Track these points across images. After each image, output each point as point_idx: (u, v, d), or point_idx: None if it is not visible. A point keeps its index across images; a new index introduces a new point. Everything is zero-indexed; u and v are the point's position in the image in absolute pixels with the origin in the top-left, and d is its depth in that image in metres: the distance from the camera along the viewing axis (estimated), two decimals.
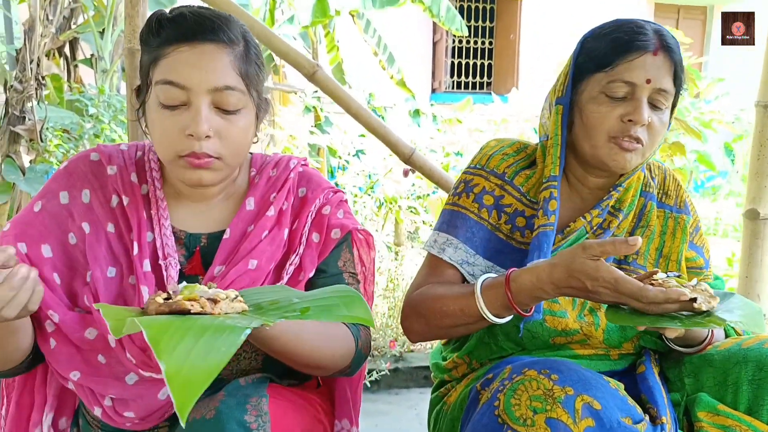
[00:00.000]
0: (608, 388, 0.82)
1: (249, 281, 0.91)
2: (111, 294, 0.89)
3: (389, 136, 1.77)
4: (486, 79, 8.46)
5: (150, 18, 0.89)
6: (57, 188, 0.93)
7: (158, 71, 0.86)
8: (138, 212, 0.92)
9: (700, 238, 1.12)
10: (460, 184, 1.08)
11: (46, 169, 2.39)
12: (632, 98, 0.95)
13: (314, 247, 0.97)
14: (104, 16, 3.96)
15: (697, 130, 2.58)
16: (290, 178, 0.99)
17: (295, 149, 3.47)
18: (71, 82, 4.04)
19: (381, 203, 3.65)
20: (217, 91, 0.85)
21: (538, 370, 0.81)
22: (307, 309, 0.72)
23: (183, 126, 0.85)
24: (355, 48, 5.63)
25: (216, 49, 0.86)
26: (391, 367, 2.42)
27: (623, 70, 0.94)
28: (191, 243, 0.95)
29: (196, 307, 0.69)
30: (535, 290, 0.88)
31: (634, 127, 0.95)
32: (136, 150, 0.99)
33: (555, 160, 1.01)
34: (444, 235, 1.05)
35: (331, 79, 1.76)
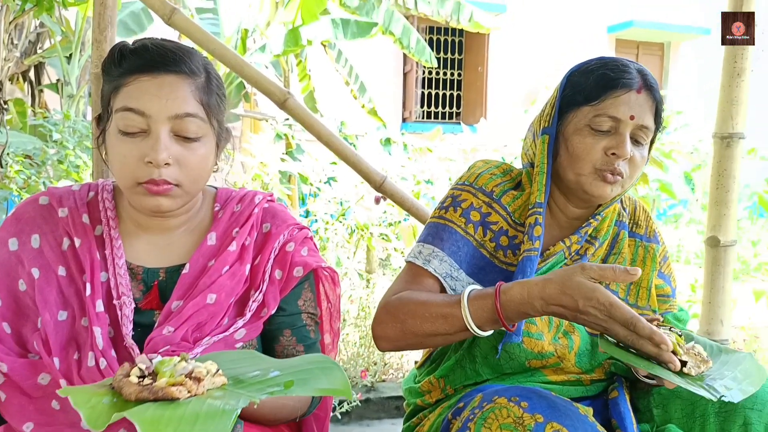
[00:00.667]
0: (578, 414, 0.82)
1: (207, 315, 0.90)
2: (62, 337, 0.88)
3: (360, 164, 1.78)
4: (455, 110, 8.64)
5: (112, 49, 0.90)
6: (6, 236, 0.92)
7: (119, 99, 0.86)
8: (91, 253, 0.91)
9: (668, 267, 1.15)
10: (448, 198, 1.09)
11: (6, 196, 2.31)
12: (616, 133, 0.99)
13: (276, 284, 0.96)
14: (72, 41, 3.92)
15: (658, 160, 2.67)
16: (254, 214, 0.99)
17: (265, 176, 3.46)
18: (35, 107, 3.96)
19: (352, 230, 3.64)
20: (177, 119, 0.86)
21: (508, 398, 0.81)
22: (290, 383, 0.71)
23: (142, 153, 0.85)
24: (326, 77, 5.69)
25: (177, 80, 0.87)
26: (363, 398, 2.38)
27: (609, 106, 0.98)
28: (149, 278, 0.94)
29: (183, 392, 0.67)
30: (523, 305, 0.87)
31: (618, 161, 0.99)
32: (88, 190, 0.98)
33: (541, 187, 1.04)
34: (429, 247, 1.04)
35: (303, 107, 1.77)
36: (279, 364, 0.78)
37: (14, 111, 3.46)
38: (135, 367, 0.71)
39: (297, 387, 0.71)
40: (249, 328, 0.94)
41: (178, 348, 0.87)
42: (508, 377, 1.02)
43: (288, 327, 0.98)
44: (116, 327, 0.89)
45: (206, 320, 0.90)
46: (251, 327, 0.94)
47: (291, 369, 0.75)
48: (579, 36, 8.38)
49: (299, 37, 4.17)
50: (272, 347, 0.99)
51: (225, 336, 0.91)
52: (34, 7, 2.48)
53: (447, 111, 8.59)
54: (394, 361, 2.74)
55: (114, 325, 0.89)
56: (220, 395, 0.68)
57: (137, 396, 0.67)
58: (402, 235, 3.83)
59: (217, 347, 0.90)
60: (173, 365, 0.70)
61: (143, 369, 0.71)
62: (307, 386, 0.71)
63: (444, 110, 8.58)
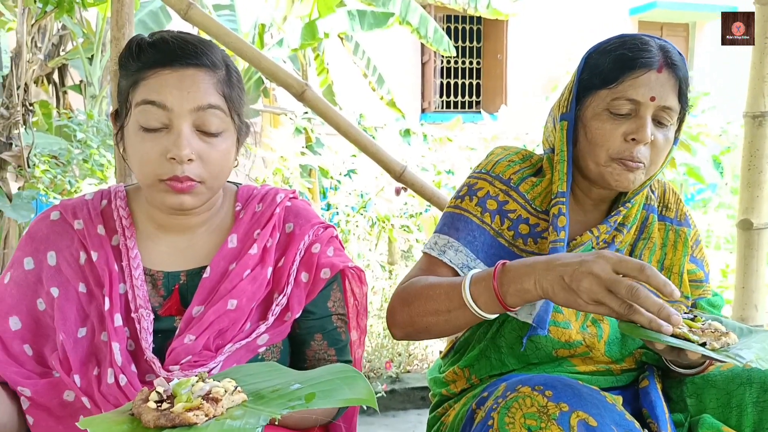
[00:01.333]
0: (605, 403, 0.80)
1: (228, 322, 0.88)
2: (81, 354, 0.87)
3: (380, 154, 1.76)
4: (475, 99, 8.55)
5: (129, 42, 0.88)
6: (21, 256, 0.91)
7: (138, 93, 0.84)
8: (108, 265, 0.89)
9: (700, 252, 1.11)
10: (464, 187, 1.07)
11: (33, 195, 2.36)
12: (636, 116, 0.94)
13: (302, 287, 0.94)
14: (93, 43, 3.97)
15: (686, 143, 2.60)
16: (276, 214, 0.96)
17: (286, 171, 3.47)
18: (60, 108, 4.03)
19: (373, 222, 3.63)
20: (200, 110, 0.84)
21: (531, 387, 0.79)
22: (312, 395, 0.70)
23: (164, 149, 0.83)
24: (344, 70, 5.68)
25: (198, 72, 0.85)
26: (388, 389, 2.38)
27: (627, 88, 0.94)
28: (170, 282, 0.92)
29: (201, 417, 0.66)
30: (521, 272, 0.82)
31: (638, 146, 0.94)
32: (101, 198, 0.96)
33: (562, 176, 1.00)
34: (445, 237, 1.02)
35: (321, 99, 1.76)
36: (300, 376, 0.76)
37: (40, 113, 3.52)
38: (153, 392, 0.70)
39: (319, 399, 0.69)
40: (272, 333, 0.91)
41: (200, 358, 0.86)
42: (534, 367, 1.00)
43: (319, 331, 0.96)
44: (136, 340, 0.88)
45: (228, 326, 0.88)
46: (275, 332, 0.92)
47: (312, 381, 0.73)
48: (600, 19, 8.20)
49: (316, 30, 4.16)
50: (302, 351, 0.97)
51: (247, 342, 0.89)
52: (55, 8, 2.52)
53: (466, 100, 8.51)
54: (419, 351, 2.74)
55: (134, 338, 0.88)
56: (239, 414, 0.67)
57: (155, 423, 0.65)
58: (423, 226, 3.81)
59: (240, 354, 0.89)
60: (190, 386, 0.69)
61: (161, 393, 0.69)
62: (330, 398, 0.70)
63: (463, 99, 8.50)
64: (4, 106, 2.39)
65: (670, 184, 1.15)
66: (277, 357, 0.94)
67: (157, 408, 0.67)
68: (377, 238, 3.63)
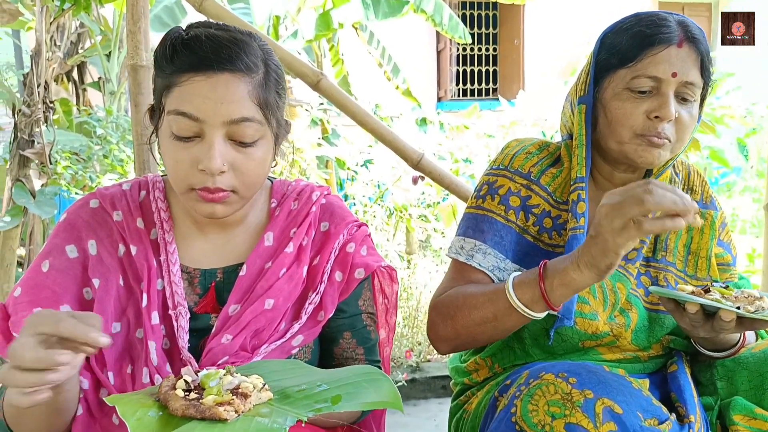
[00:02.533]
0: (630, 389, 0.79)
1: (265, 322, 0.88)
2: (116, 351, 0.85)
3: (396, 142, 1.75)
4: (492, 86, 8.45)
5: (165, 38, 0.85)
6: (62, 243, 0.88)
7: (171, 100, 0.82)
8: (148, 260, 0.88)
9: (727, 235, 1.09)
10: (483, 186, 1.04)
11: (56, 191, 2.40)
12: (658, 93, 0.92)
13: (336, 286, 0.93)
14: (110, 40, 4.01)
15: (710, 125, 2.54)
16: (311, 212, 0.95)
17: (302, 162, 3.47)
18: (80, 105, 4.09)
19: (391, 212, 3.63)
20: (233, 124, 0.81)
21: (555, 374, 0.79)
22: (338, 398, 0.69)
23: (196, 159, 0.81)
24: (359, 60, 5.65)
25: (232, 79, 0.81)
26: (408, 378, 2.38)
27: (648, 65, 0.91)
28: (207, 280, 0.91)
29: (231, 413, 0.65)
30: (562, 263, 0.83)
31: (661, 124, 0.92)
32: (140, 189, 0.94)
33: (581, 161, 0.98)
34: (471, 241, 1.00)
35: (336, 88, 1.75)
36: (326, 376, 0.75)
37: (60, 111, 3.58)
38: (181, 380, 0.69)
39: (344, 402, 0.68)
40: (306, 333, 0.91)
41: (237, 359, 0.85)
42: (559, 357, 0.99)
43: (348, 329, 0.95)
44: (172, 338, 0.87)
45: (264, 326, 0.88)
46: (308, 332, 0.91)
47: (338, 382, 0.73)
48: (619, 1, 8.03)
49: (330, 20, 4.14)
50: (330, 349, 0.97)
51: (282, 342, 0.89)
52: (72, 6, 2.54)
53: (483, 87, 8.42)
54: None
55: (170, 337, 0.87)
56: (266, 412, 0.67)
57: (183, 412, 0.65)
58: (441, 215, 3.79)
59: (274, 355, 0.88)
60: (219, 379, 0.68)
61: (189, 382, 0.69)
62: (355, 400, 0.69)
63: (480, 87, 8.41)
64: (26, 104, 2.43)
65: (694, 166, 1.12)
66: (308, 357, 0.93)
67: (185, 397, 0.66)
68: (395, 228, 3.62)
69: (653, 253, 1.02)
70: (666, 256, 1.02)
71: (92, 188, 2.79)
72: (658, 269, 1.01)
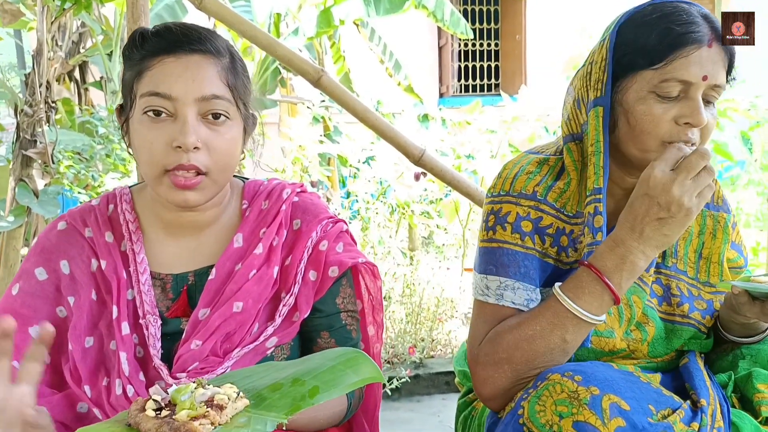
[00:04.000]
0: (639, 383, 0.78)
1: (235, 325, 0.87)
2: (90, 364, 0.86)
3: (398, 138, 1.75)
4: (494, 81, 8.43)
5: (132, 34, 0.87)
6: (31, 267, 0.89)
7: (143, 84, 0.84)
8: (117, 272, 0.88)
9: (738, 235, 1.04)
10: (489, 216, 0.95)
11: (59, 190, 2.41)
12: (686, 97, 0.85)
13: (311, 286, 0.91)
14: (112, 39, 4.01)
15: None
16: (282, 211, 0.93)
17: (304, 159, 3.47)
18: (82, 104, 4.09)
19: (393, 209, 3.62)
20: (205, 101, 0.83)
21: (561, 373, 0.78)
22: (316, 389, 0.66)
23: (170, 138, 0.82)
24: (361, 57, 5.64)
25: (202, 59, 0.84)
26: (412, 374, 2.38)
27: (678, 67, 0.84)
28: (178, 284, 0.91)
29: (207, 426, 0.62)
30: (617, 254, 0.83)
31: (691, 130, 0.86)
32: (108, 203, 0.95)
33: (598, 170, 0.89)
34: (494, 279, 0.92)
35: (337, 84, 1.74)
36: (301, 368, 0.72)
37: (63, 110, 3.58)
38: (149, 400, 0.66)
39: (323, 392, 0.65)
40: (281, 335, 0.90)
41: (207, 364, 0.85)
42: None
43: (326, 329, 0.94)
44: (145, 347, 0.87)
45: (235, 330, 0.87)
46: (283, 333, 0.90)
47: (314, 372, 0.69)
48: None
49: (331, 17, 4.13)
50: (310, 349, 0.95)
51: (255, 345, 0.88)
52: (73, 5, 2.54)
53: (485, 83, 8.40)
54: (442, 337, 2.73)
55: (143, 345, 0.87)
56: (244, 421, 0.64)
57: (158, 431, 0.62)
58: (444, 212, 3.78)
59: (248, 358, 0.87)
60: (190, 392, 0.65)
61: (159, 401, 0.66)
62: (335, 387, 0.66)
63: (482, 82, 8.39)
64: (28, 104, 2.44)
65: None
66: (287, 355, 0.92)
67: (156, 417, 0.63)
68: (397, 224, 3.62)
69: (663, 260, 0.98)
70: (677, 263, 0.97)
71: (95, 187, 2.79)
72: (669, 277, 0.97)
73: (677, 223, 0.80)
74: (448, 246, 4.11)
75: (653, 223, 0.80)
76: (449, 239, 4.08)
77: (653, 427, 0.73)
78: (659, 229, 0.80)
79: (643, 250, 0.81)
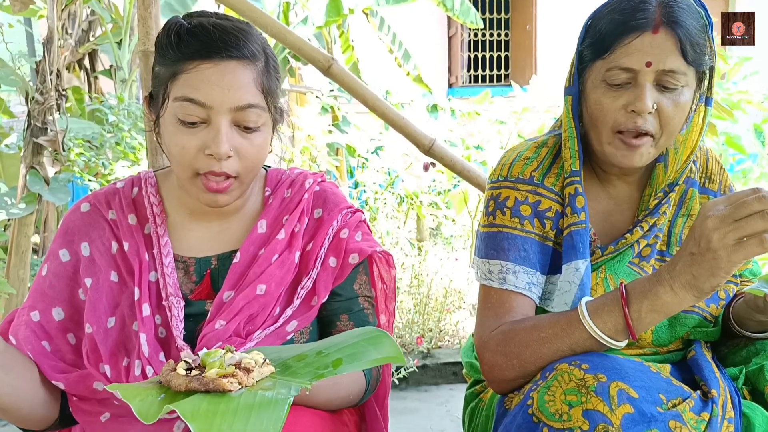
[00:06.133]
0: (648, 372, 0.78)
1: (258, 307, 0.89)
2: (111, 345, 0.87)
3: (408, 127, 1.74)
4: (503, 72, 8.37)
5: (167, 26, 0.86)
6: (56, 248, 0.92)
7: (177, 87, 0.83)
8: (139, 255, 0.90)
9: None
10: (489, 202, 0.99)
11: (69, 178, 2.42)
12: (634, 85, 0.87)
13: (330, 272, 0.94)
14: (121, 27, 4.01)
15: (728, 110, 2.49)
16: (304, 200, 0.97)
17: (313, 149, 3.47)
18: (92, 93, 4.11)
19: (402, 199, 3.62)
20: (240, 110, 0.83)
21: (569, 363, 0.78)
22: (339, 361, 0.68)
23: (202, 145, 0.83)
24: (370, 46, 5.61)
25: (239, 66, 0.83)
26: (419, 364, 2.38)
27: (620, 56, 0.86)
28: (201, 268, 0.93)
29: (234, 385, 0.65)
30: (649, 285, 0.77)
31: (639, 118, 0.87)
32: (132, 186, 0.96)
33: (573, 153, 0.95)
34: (496, 263, 0.94)
35: (347, 72, 1.73)
36: (323, 344, 0.75)
37: (73, 98, 3.59)
38: (181, 361, 0.69)
39: (346, 364, 0.68)
40: (300, 318, 0.92)
41: (230, 344, 0.85)
42: None
43: (345, 312, 0.96)
44: (168, 327, 0.88)
45: (257, 312, 0.89)
46: (302, 317, 0.92)
47: (337, 347, 0.72)
48: None
49: (340, 6, 4.11)
50: (329, 333, 0.97)
51: (277, 328, 0.90)
52: None
53: (495, 74, 8.34)
54: (450, 328, 2.73)
55: (165, 326, 0.88)
56: (269, 385, 0.66)
57: (187, 386, 0.65)
58: (452, 202, 3.77)
59: (269, 340, 0.89)
60: (220, 356, 0.69)
61: (189, 362, 0.69)
62: (358, 361, 0.68)
63: (492, 73, 8.33)
64: (38, 92, 2.44)
65: (713, 152, 1.07)
66: (306, 339, 0.94)
67: (187, 375, 0.66)
68: (405, 215, 3.61)
69: (667, 247, 0.98)
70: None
71: (105, 175, 2.81)
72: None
73: (705, 264, 0.72)
74: (456, 237, 4.11)
75: (685, 257, 0.75)
76: (457, 230, 4.07)
77: (662, 415, 0.73)
78: (689, 266, 0.74)
79: (672, 285, 0.75)
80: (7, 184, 2.63)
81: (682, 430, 0.72)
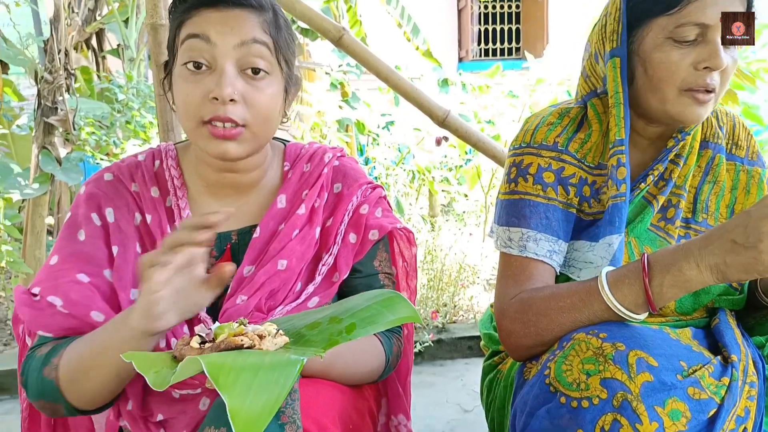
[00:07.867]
0: (668, 340, 0.76)
1: (279, 282, 0.88)
2: None
3: (422, 99, 1.70)
4: (515, 45, 8.23)
5: None
6: (87, 212, 0.89)
7: (183, 31, 0.84)
8: (162, 228, 0.89)
9: None
10: (511, 168, 0.96)
11: (81, 157, 2.42)
12: (704, 41, 0.84)
13: (350, 248, 0.93)
14: (128, 5, 3.97)
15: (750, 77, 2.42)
16: (323, 174, 0.95)
17: (323, 126, 3.43)
18: (100, 72, 4.09)
19: (414, 175, 3.59)
20: (244, 45, 0.82)
21: (586, 332, 0.76)
22: (353, 326, 0.67)
23: (207, 89, 0.81)
24: (378, 21, 5.52)
25: (243, 13, 0.83)
26: (434, 339, 2.38)
27: (694, 11, 0.82)
28: (222, 242, 0.92)
29: (246, 341, 0.65)
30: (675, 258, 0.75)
31: (710, 75, 0.84)
32: (153, 159, 0.95)
33: (619, 121, 0.89)
34: (516, 230, 0.93)
35: (359, 43, 1.70)
36: (336, 309, 0.73)
37: (81, 78, 3.58)
38: (195, 336, 0.69)
39: (360, 329, 0.66)
40: (321, 295, 0.90)
41: (252, 319, 0.85)
42: None
43: (365, 288, 0.94)
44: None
45: (279, 287, 0.88)
46: (324, 293, 0.91)
47: (351, 311, 0.71)
48: None
49: None
50: None
51: (298, 304, 0.88)
52: None
53: (506, 47, 8.20)
54: (464, 303, 2.73)
55: None
56: (283, 352, 0.66)
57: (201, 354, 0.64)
58: (464, 178, 3.74)
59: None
60: (233, 329, 0.68)
61: (203, 336, 0.69)
62: (372, 324, 0.67)
63: (503, 46, 8.19)
64: (47, 71, 2.43)
65: (739, 118, 1.03)
66: None
67: (200, 348, 0.67)
68: (417, 191, 3.59)
69: (693, 214, 0.96)
70: (707, 218, 0.95)
71: (116, 155, 2.80)
72: (698, 232, 0.95)
73: (742, 258, 0.70)
74: (468, 213, 4.08)
75: (726, 242, 0.72)
76: (470, 206, 4.04)
77: (681, 383, 0.71)
78: (725, 252, 0.72)
79: (699, 263, 0.73)
80: (20, 165, 2.63)
81: (701, 395, 0.71)
